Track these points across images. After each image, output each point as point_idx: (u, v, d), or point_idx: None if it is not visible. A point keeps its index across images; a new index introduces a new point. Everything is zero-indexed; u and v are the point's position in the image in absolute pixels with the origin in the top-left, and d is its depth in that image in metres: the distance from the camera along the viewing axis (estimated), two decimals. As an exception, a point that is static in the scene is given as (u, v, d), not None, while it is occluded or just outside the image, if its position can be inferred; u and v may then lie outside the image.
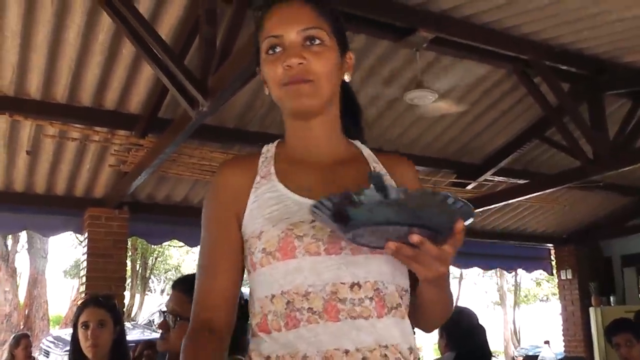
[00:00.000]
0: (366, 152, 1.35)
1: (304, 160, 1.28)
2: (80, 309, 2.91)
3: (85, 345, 2.83)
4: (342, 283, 1.15)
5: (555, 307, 18.18)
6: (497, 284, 26.33)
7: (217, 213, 1.28)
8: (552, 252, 9.82)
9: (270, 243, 1.17)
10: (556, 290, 16.15)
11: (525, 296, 28.25)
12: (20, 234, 17.92)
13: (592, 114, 5.72)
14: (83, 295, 6.53)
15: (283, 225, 1.17)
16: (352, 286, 1.15)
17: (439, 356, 3.37)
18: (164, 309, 2.14)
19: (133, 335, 9.89)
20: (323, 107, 1.25)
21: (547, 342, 5.69)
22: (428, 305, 1.23)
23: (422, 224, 0.96)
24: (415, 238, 0.96)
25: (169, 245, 19.55)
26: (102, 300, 2.94)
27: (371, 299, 1.15)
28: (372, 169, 1.29)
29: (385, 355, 1.14)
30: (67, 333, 11.51)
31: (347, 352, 1.12)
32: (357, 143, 1.37)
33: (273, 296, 1.17)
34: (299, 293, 1.15)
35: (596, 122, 5.66)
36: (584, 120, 5.57)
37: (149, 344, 2.36)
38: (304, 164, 1.28)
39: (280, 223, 1.17)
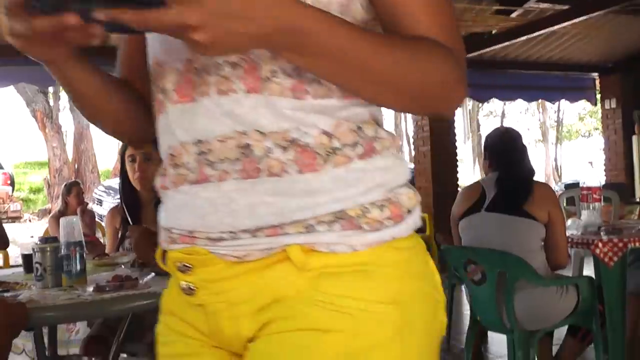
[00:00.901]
0: None
1: None
2: (126, 144, 2.97)
3: (133, 178, 2.93)
4: None
5: (597, 143, 18.04)
6: (540, 120, 26.13)
7: None
8: (597, 81, 9.58)
9: None
10: (599, 125, 15.96)
11: (568, 132, 28.09)
12: (61, 92, 18.24)
13: None
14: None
15: None
16: None
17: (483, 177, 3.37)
18: None
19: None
20: None
21: (590, 163, 5.66)
22: (338, 84, 0.85)
23: None
24: (98, 15, 0.69)
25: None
26: (147, 134, 2.96)
27: (234, 64, 0.85)
28: None
29: (248, 145, 0.85)
30: (117, 182, 11.83)
31: (184, 146, 0.90)
32: None
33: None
34: (156, 63, 0.95)
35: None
36: None
37: None
38: None
39: None
